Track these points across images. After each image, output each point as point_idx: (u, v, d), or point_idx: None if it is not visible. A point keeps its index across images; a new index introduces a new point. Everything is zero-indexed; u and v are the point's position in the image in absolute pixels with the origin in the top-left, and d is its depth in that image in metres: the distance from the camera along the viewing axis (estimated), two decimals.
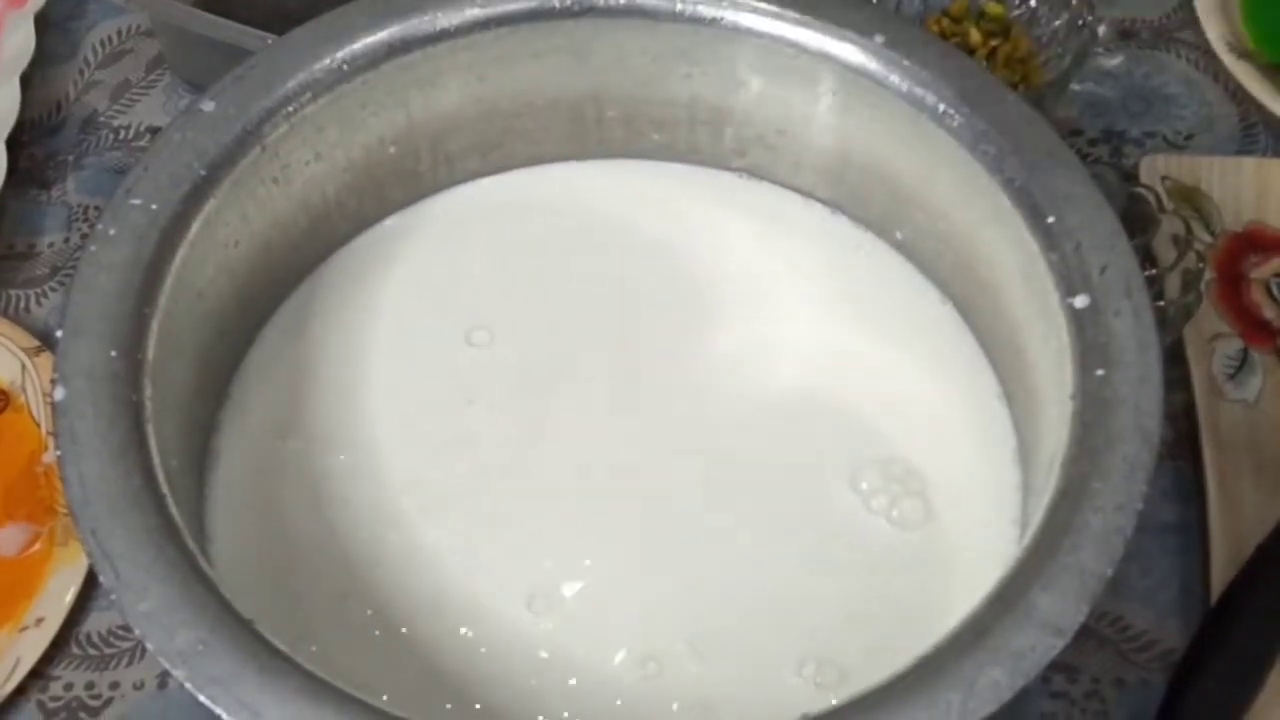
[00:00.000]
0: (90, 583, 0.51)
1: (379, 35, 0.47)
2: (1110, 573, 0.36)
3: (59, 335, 0.40)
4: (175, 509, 0.38)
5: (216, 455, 0.47)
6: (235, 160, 0.45)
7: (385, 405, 0.48)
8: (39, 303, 0.60)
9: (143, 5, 0.62)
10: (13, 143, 0.61)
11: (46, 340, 0.57)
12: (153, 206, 0.43)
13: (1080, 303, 0.41)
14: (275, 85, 0.46)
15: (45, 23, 0.66)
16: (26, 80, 0.63)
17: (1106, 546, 0.36)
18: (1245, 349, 0.56)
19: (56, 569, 0.51)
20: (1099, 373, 0.39)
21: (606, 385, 0.48)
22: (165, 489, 0.38)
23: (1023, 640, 0.35)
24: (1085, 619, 0.35)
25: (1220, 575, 0.49)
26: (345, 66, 0.47)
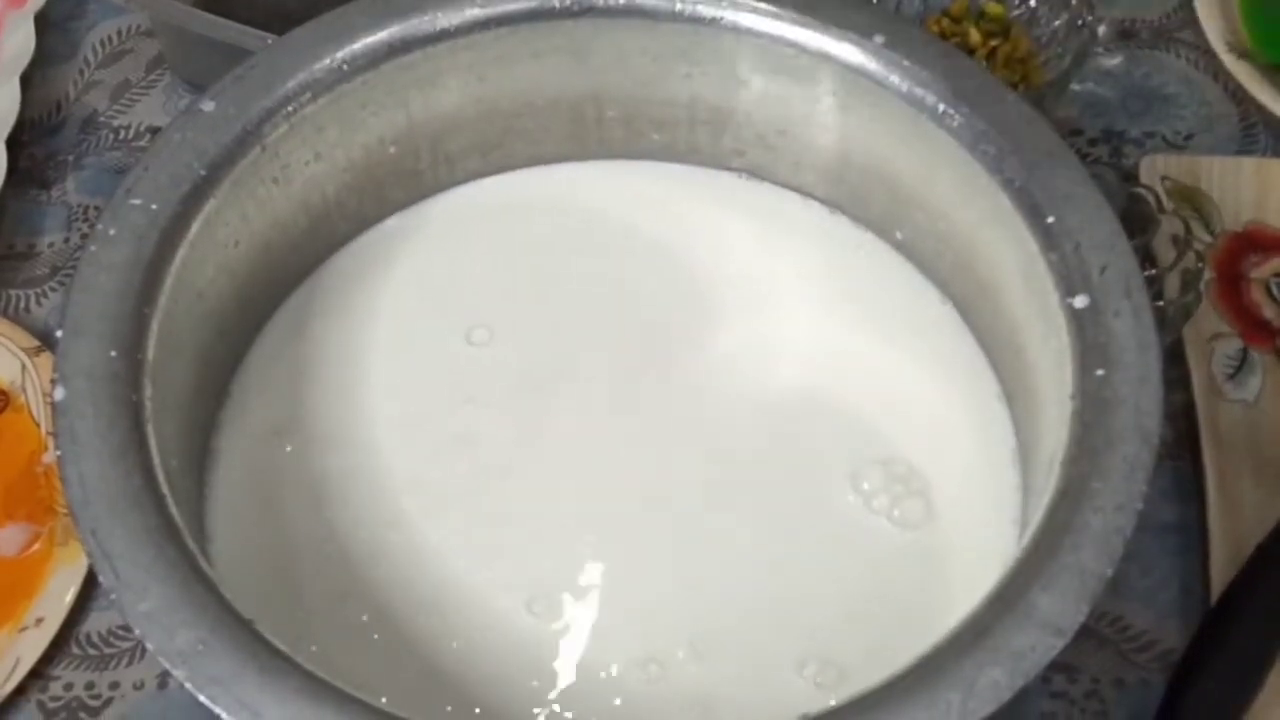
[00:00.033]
0: (90, 583, 0.51)
1: (379, 35, 0.47)
2: (1110, 573, 0.36)
3: (59, 335, 0.40)
4: (175, 509, 0.38)
5: (216, 455, 0.47)
6: (235, 160, 0.45)
7: (385, 405, 0.48)
8: (39, 303, 0.60)
9: (143, 5, 0.62)
10: (13, 143, 0.61)
11: (46, 340, 0.57)
12: (153, 206, 0.43)
13: (1080, 303, 0.41)
14: (275, 85, 0.46)
15: (45, 23, 0.66)
16: (26, 80, 0.63)
17: (1106, 546, 0.36)
18: (1245, 349, 0.56)
19: (56, 569, 0.51)
20: (1099, 373, 0.39)
21: (606, 385, 0.48)
22: (165, 489, 0.38)
23: (1023, 640, 0.35)
24: (1085, 619, 0.35)
25: (1220, 575, 0.49)
26: (345, 66, 0.47)
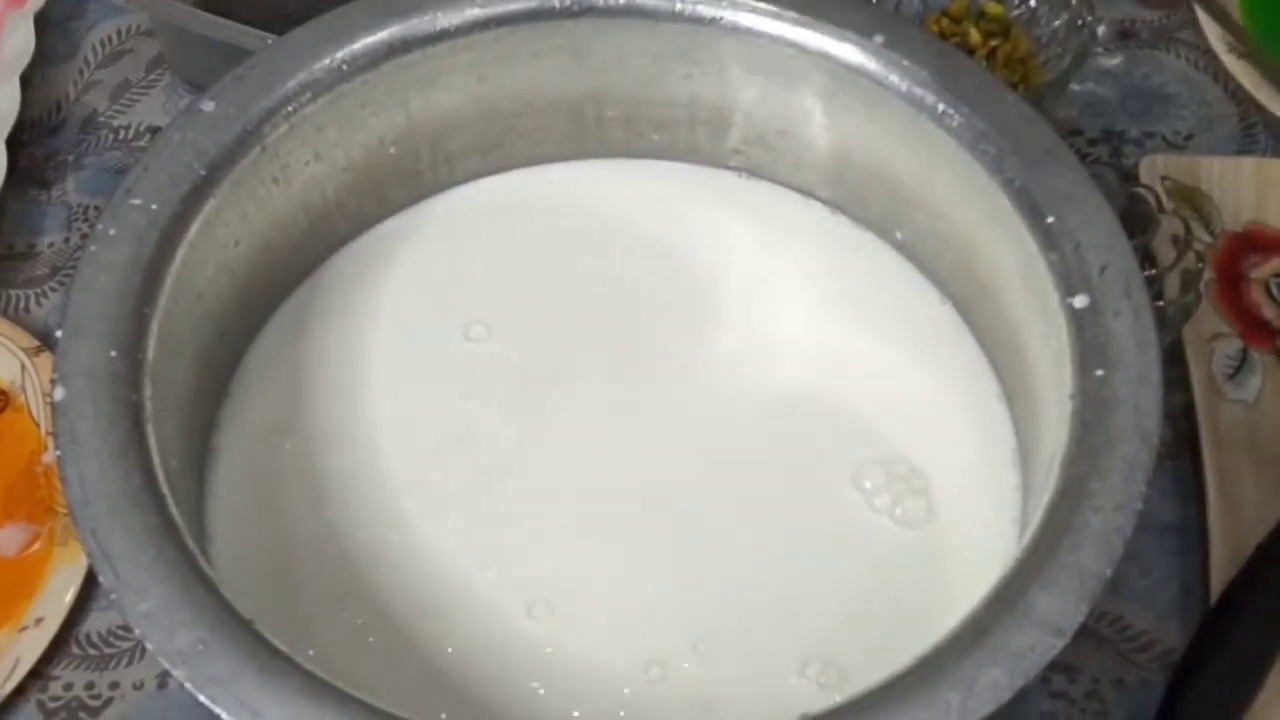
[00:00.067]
0: (90, 583, 0.51)
1: (379, 35, 0.47)
2: (1110, 573, 0.36)
3: (59, 335, 0.40)
4: (175, 509, 0.38)
5: (216, 455, 0.47)
6: (235, 160, 0.45)
7: (385, 405, 0.48)
8: (39, 303, 0.60)
9: (143, 5, 0.62)
10: (13, 143, 0.61)
11: (46, 340, 0.57)
12: (153, 206, 0.43)
13: (1080, 303, 0.41)
14: (275, 85, 0.46)
15: (45, 23, 0.67)
16: (26, 80, 0.63)
17: (1106, 546, 0.36)
18: (1245, 349, 0.56)
19: (56, 569, 0.51)
20: (1098, 373, 0.39)
21: (606, 385, 0.48)
22: (165, 489, 0.38)
23: (1022, 640, 0.35)
24: (1085, 619, 0.35)
25: (1220, 575, 0.49)
26: (345, 66, 0.47)
